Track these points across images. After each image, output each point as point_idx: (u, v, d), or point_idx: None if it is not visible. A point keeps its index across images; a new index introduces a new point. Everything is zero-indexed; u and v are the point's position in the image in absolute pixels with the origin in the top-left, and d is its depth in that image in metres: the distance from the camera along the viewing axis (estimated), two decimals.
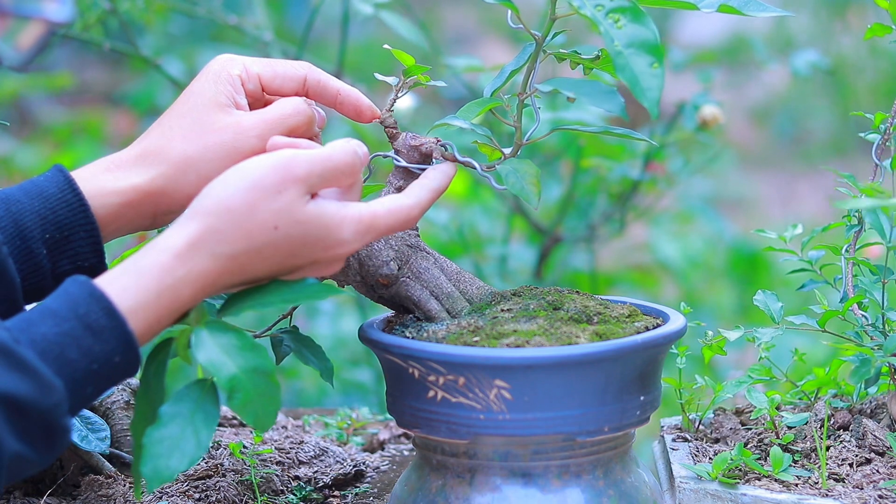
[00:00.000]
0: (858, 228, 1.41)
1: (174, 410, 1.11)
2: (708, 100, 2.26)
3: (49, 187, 1.18)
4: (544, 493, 1.22)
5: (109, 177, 1.20)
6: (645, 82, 1.15)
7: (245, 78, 1.23)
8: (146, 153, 1.21)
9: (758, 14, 1.22)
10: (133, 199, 1.19)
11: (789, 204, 5.01)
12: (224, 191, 1.12)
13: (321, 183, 1.15)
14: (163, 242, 1.11)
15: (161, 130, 1.21)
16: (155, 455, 1.09)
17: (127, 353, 1.08)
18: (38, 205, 1.17)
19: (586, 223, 2.56)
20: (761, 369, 1.42)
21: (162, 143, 1.20)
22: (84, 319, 1.07)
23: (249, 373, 1.11)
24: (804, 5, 5.82)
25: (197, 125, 1.20)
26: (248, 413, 1.11)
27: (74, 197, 1.17)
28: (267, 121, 1.21)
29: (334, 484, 1.43)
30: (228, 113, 1.21)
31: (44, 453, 1.06)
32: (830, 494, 1.26)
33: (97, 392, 1.09)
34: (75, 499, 1.35)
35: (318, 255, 1.16)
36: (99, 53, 2.69)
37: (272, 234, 1.12)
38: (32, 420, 1.04)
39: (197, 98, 1.22)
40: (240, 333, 1.12)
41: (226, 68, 1.23)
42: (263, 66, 1.25)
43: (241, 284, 1.15)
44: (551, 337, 1.22)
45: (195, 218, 1.11)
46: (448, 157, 1.28)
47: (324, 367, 1.29)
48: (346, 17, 2.19)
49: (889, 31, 1.41)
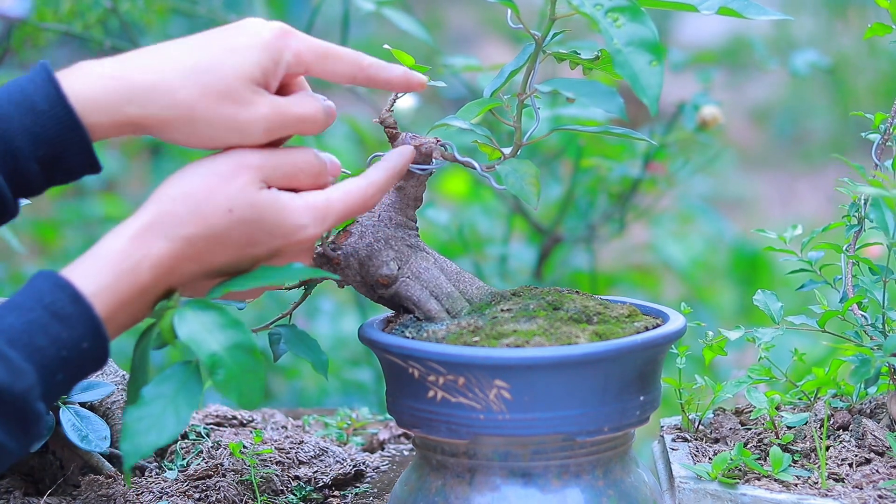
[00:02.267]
0: (858, 228, 1.41)
1: (157, 391, 1.11)
2: (708, 100, 2.26)
3: (39, 101, 1.13)
4: (544, 493, 1.22)
5: (100, 85, 1.13)
6: (644, 80, 1.15)
7: (294, 66, 1.18)
8: (152, 86, 1.13)
9: (757, 17, 1.22)
10: (123, 124, 1.14)
11: (789, 204, 5.02)
12: (179, 178, 1.14)
13: (278, 176, 1.16)
14: (120, 228, 1.12)
15: (175, 48, 1.15)
16: (134, 432, 1.09)
17: (95, 338, 1.09)
18: (28, 121, 1.13)
19: (586, 223, 2.57)
20: (761, 369, 1.42)
21: (172, 84, 1.14)
22: (50, 308, 1.07)
23: (231, 349, 1.11)
24: (805, 5, 5.82)
25: (216, 91, 1.14)
26: (231, 390, 1.10)
27: (66, 113, 1.13)
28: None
29: (334, 484, 1.43)
30: (244, 110, 1.15)
31: (19, 440, 1.06)
32: (830, 494, 1.26)
33: (68, 381, 1.09)
34: (75, 499, 1.35)
35: (279, 244, 1.16)
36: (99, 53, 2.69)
37: (227, 217, 1.13)
38: (5, 406, 1.04)
39: (225, 65, 1.14)
40: (222, 311, 1.12)
41: (280, 49, 1.17)
42: (317, 58, 1.19)
43: (204, 275, 1.15)
44: (551, 337, 1.22)
45: (151, 203, 1.13)
46: (448, 157, 1.28)
47: (317, 359, 1.29)
48: (347, 16, 2.19)
49: (889, 30, 1.41)
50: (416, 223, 1.31)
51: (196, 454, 1.44)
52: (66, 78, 1.14)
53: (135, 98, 1.14)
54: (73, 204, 3.64)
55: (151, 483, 1.37)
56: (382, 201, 1.30)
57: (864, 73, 5.60)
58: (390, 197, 1.30)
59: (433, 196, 3.33)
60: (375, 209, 1.30)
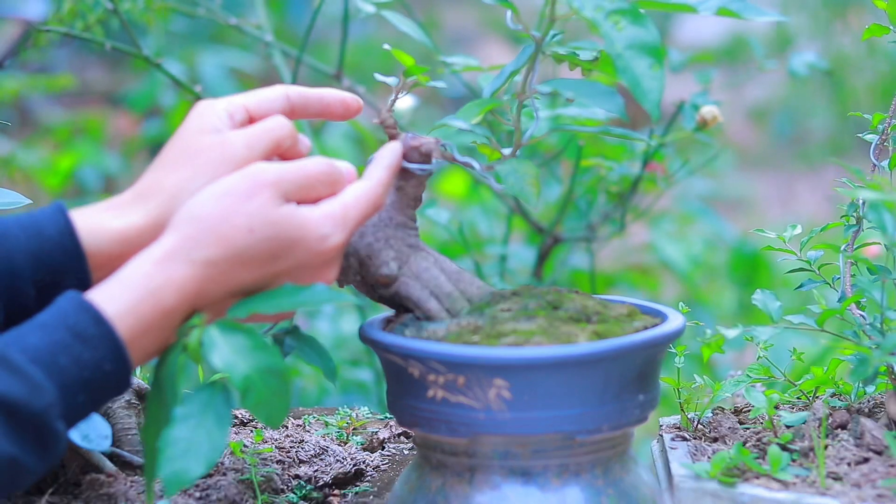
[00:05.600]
0: (857, 228, 1.41)
1: (185, 412, 1.11)
2: (707, 100, 2.26)
3: (48, 228, 1.17)
4: (544, 491, 1.23)
5: (108, 215, 1.19)
6: (646, 84, 1.16)
7: (231, 110, 1.23)
8: (142, 191, 1.20)
9: (755, 18, 1.22)
10: (132, 238, 1.18)
11: (788, 204, 5.02)
12: (198, 201, 1.15)
13: (295, 190, 1.17)
14: (143, 254, 1.13)
15: (154, 169, 1.22)
16: (172, 457, 1.09)
17: (117, 360, 1.09)
18: (34, 245, 1.16)
19: (586, 223, 2.56)
20: (760, 368, 1.43)
21: (155, 178, 1.20)
22: (73, 329, 1.08)
23: (262, 373, 1.11)
24: (804, 5, 5.82)
25: (185, 151, 1.20)
26: (260, 412, 1.11)
27: (72, 243, 1.16)
28: (251, 133, 1.21)
29: (334, 483, 1.44)
30: (214, 135, 1.21)
31: (38, 459, 1.06)
32: (829, 493, 1.27)
33: (90, 403, 1.09)
34: (76, 498, 1.35)
35: (302, 257, 1.17)
36: (99, 54, 2.69)
37: (248, 238, 1.14)
38: (24, 422, 1.04)
39: (183, 132, 1.22)
40: (251, 333, 1.13)
41: (210, 105, 1.24)
42: (246, 97, 1.25)
43: (229, 294, 1.16)
44: (551, 336, 1.22)
45: (172, 229, 1.14)
46: (447, 157, 1.29)
47: (327, 366, 1.29)
48: (347, 17, 2.19)
49: (887, 31, 1.41)
50: (415, 223, 1.31)
51: None
52: (76, 210, 1.19)
53: (134, 204, 1.20)
54: (73, 203, 3.64)
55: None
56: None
57: (863, 73, 5.61)
58: (390, 197, 1.30)
59: (433, 196, 3.34)
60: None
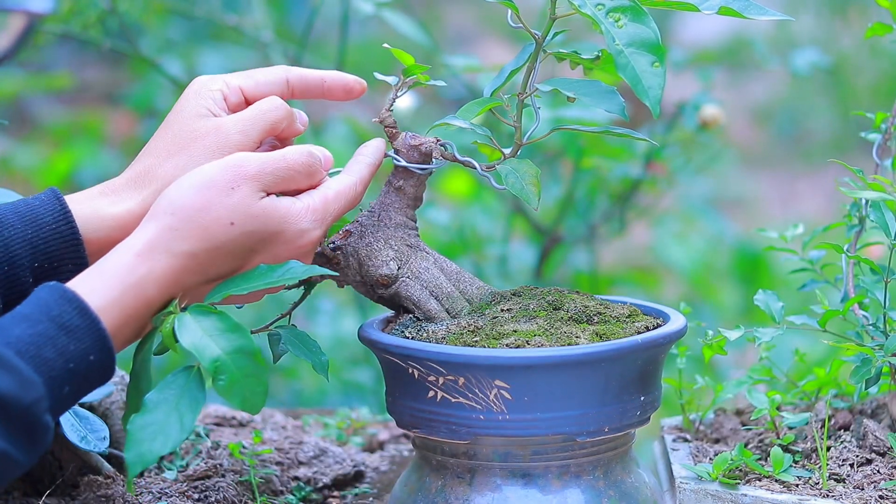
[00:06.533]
0: (859, 228, 1.40)
1: (160, 397, 1.11)
2: (708, 99, 2.26)
3: (44, 214, 1.17)
4: (544, 493, 1.22)
5: (104, 201, 1.20)
6: (647, 81, 1.15)
7: (227, 92, 1.24)
8: (137, 177, 1.21)
9: (758, 17, 1.22)
10: (127, 223, 1.19)
11: (790, 204, 5.01)
12: (178, 191, 1.15)
13: (276, 182, 1.18)
14: (124, 244, 1.13)
15: (148, 153, 1.22)
16: (138, 440, 1.10)
17: (101, 351, 1.09)
18: (30, 232, 1.17)
19: (586, 223, 2.56)
20: (762, 369, 1.42)
21: (150, 163, 1.21)
22: (57, 320, 1.08)
23: (233, 354, 1.11)
24: (806, 5, 5.82)
25: (180, 138, 1.21)
26: (234, 395, 1.11)
27: (68, 229, 1.17)
28: (247, 118, 1.22)
29: (334, 484, 1.43)
30: (209, 120, 1.22)
31: (27, 452, 1.06)
32: (831, 495, 1.26)
33: (74, 394, 1.10)
34: (74, 499, 1.34)
35: (281, 250, 1.18)
36: (99, 53, 2.69)
37: (229, 231, 1.15)
38: (14, 416, 1.05)
39: (178, 115, 1.23)
40: (222, 315, 1.13)
41: (205, 86, 1.24)
42: (243, 78, 1.26)
43: (207, 282, 1.17)
44: (551, 337, 1.21)
45: (153, 219, 1.14)
46: (448, 157, 1.29)
47: (317, 360, 1.29)
48: (346, 16, 2.18)
49: (889, 30, 1.41)
50: (415, 223, 1.31)
51: (195, 454, 1.44)
52: (71, 196, 1.19)
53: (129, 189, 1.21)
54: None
55: (151, 483, 1.37)
56: (383, 201, 1.30)
57: (865, 72, 5.60)
58: (390, 197, 1.30)
59: (433, 196, 3.33)
60: (375, 209, 1.30)
